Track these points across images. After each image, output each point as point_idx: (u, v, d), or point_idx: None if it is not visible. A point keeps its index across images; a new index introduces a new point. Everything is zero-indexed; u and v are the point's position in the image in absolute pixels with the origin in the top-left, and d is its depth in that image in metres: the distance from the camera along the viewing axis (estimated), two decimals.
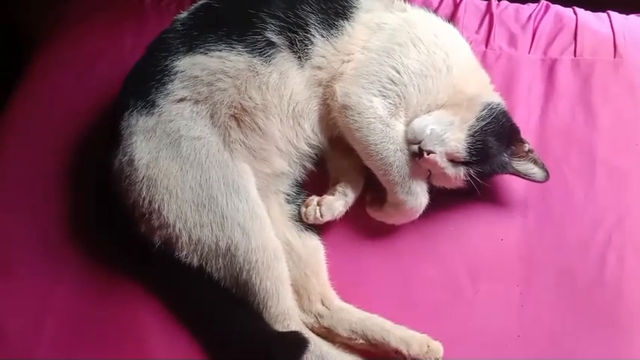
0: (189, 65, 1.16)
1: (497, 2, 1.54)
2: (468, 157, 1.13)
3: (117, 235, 1.17)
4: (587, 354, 1.11)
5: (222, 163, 1.13)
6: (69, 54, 1.47)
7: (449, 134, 1.13)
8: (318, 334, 1.13)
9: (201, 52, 1.16)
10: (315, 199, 1.22)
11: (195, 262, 1.11)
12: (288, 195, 1.24)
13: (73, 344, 1.11)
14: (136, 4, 1.55)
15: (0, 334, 1.11)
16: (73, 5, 1.59)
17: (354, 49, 1.20)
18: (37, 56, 1.49)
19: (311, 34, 1.17)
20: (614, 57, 1.42)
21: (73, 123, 1.34)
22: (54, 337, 1.11)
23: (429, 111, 1.18)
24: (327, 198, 1.21)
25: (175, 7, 1.50)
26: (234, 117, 1.16)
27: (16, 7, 1.87)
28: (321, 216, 1.20)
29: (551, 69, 1.41)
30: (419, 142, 1.13)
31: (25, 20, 1.84)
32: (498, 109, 1.18)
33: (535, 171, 1.20)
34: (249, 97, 1.15)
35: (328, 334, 1.13)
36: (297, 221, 1.22)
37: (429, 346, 1.07)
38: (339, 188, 1.23)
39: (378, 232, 1.24)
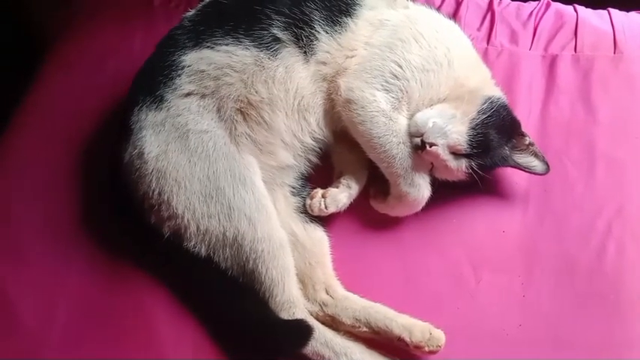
0: (196, 60, 1.18)
1: (498, 0, 1.57)
2: (469, 150, 1.15)
3: (126, 226, 1.20)
4: (587, 342, 1.12)
5: (228, 156, 1.15)
6: (80, 53, 1.49)
7: (451, 127, 1.15)
8: (322, 323, 1.14)
9: (208, 47, 1.18)
10: (319, 191, 1.24)
11: (203, 251, 1.12)
12: (294, 188, 1.26)
13: (85, 330, 1.13)
14: (145, 4, 1.58)
15: (15, 319, 1.13)
16: (83, 5, 1.62)
17: (357, 45, 1.22)
18: (49, 55, 1.52)
19: (316, 31, 1.19)
20: (614, 53, 1.44)
21: (85, 118, 1.37)
22: (66, 322, 1.13)
23: (431, 105, 1.20)
24: (332, 190, 1.23)
25: (184, 8, 1.51)
26: (241, 111, 1.18)
27: (28, 7, 1.90)
28: (326, 208, 1.21)
29: (551, 65, 1.44)
30: (421, 135, 1.15)
31: (36, 20, 1.87)
32: (499, 102, 1.20)
33: (535, 164, 1.21)
34: (256, 91, 1.17)
35: (332, 323, 1.14)
36: (302, 213, 1.24)
37: (431, 334, 1.08)
38: (344, 181, 1.25)
39: (381, 224, 1.26)
